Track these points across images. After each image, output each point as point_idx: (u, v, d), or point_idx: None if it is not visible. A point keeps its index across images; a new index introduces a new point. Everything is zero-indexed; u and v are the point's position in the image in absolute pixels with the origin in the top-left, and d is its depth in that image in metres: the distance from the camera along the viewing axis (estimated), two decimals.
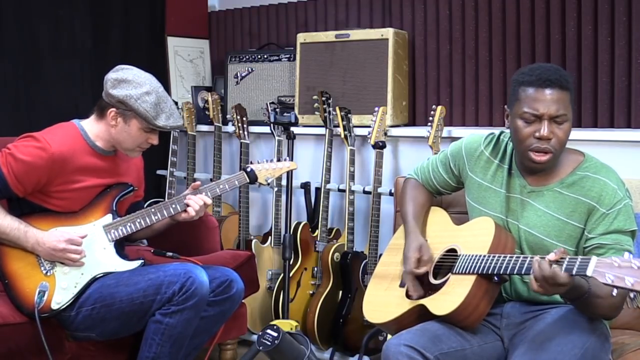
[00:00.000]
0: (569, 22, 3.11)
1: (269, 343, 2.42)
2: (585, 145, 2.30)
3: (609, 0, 3.01)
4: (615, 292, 1.73)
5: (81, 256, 2.59)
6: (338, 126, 3.46)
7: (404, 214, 2.43)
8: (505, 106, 2.19)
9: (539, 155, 2.07)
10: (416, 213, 2.40)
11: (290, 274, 3.47)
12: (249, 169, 2.83)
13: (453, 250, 2.22)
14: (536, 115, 2.05)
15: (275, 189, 3.68)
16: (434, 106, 3.26)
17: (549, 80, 2.04)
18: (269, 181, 2.86)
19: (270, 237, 3.68)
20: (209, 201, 2.75)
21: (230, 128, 3.97)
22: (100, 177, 2.68)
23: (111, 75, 2.61)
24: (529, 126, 2.07)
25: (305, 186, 3.77)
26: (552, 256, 1.83)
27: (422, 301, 2.15)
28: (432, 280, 2.20)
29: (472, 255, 2.10)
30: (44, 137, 2.57)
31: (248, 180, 2.82)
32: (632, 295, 1.72)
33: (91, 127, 2.68)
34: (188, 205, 2.71)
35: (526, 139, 2.07)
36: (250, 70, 4.02)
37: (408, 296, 2.22)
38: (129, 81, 2.59)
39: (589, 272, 1.75)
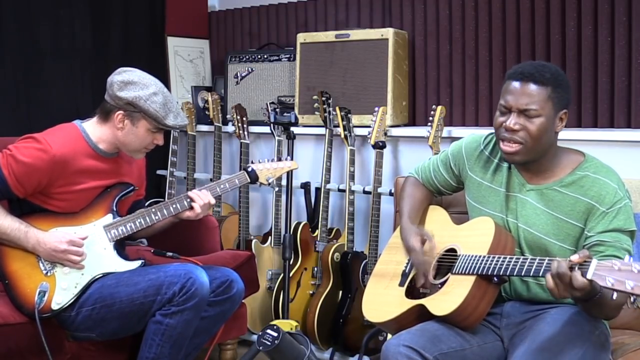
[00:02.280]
0: (569, 22, 3.12)
1: (269, 343, 2.42)
2: (585, 145, 2.31)
3: (609, 0, 3.01)
4: (615, 295, 1.72)
5: (82, 258, 2.59)
6: (338, 126, 3.47)
7: (400, 211, 2.44)
8: None
9: (507, 145, 2.10)
10: (412, 210, 2.41)
11: (290, 274, 3.47)
12: (249, 169, 2.83)
13: (453, 250, 2.22)
14: (506, 106, 2.09)
15: (276, 189, 3.68)
16: (434, 106, 3.26)
17: (523, 74, 2.07)
18: (269, 181, 2.86)
19: (270, 237, 3.68)
20: (213, 201, 2.74)
21: (230, 128, 3.97)
22: (101, 179, 2.68)
23: (116, 78, 2.61)
24: (501, 116, 2.12)
25: (305, 186, 3.77)
26: (575, 257, 1.81)
27: (422, 301, 2.15)
28: (432, 280, 2.21)
29: (472, 256, 2.10)
30: (45, 139, 2.56)
31: (249, 180, 2.82)
32: (632, 299, 1.71)
33: (94, 129, 2.67)
34: (193, 201, 2.70)
35: (497, 128, 2.13)
36: (250, 70, 4.02)
37: (407, 295, 2.23)
38: (135, 83, 2.59)
39: (589, 275, 1.75)
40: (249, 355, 2.69)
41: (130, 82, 2.59)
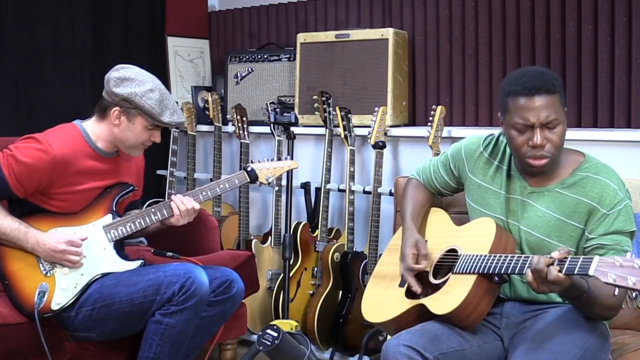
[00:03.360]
0: (569, 22, 3.12)
1: (269, 343, 2.42)
2: (585, 145, 2.31)
3: (609, 0, 3.01)
4: (617, 291, 1.73)
5: (80, 258, 2.59)
6: (338, 126, 3.47)
7: (402, 213, 2.44)
8: (499, 114, 2.18)
9: (536, 160, 2.08)
10: (414, 212, 2.41)
11: (290, 274, 3.47)
12: (249, 168, 2.83)
13: (453, 251, 2.22)
14: (527, 124, 2.05)
15: (276, 188, 3.68)
16: (434, 106, 3.26)
17: (535, 88, 2.03)
18: (269, 180, 2.86)
19: (270, 237, 3.68)
20: (197, 206, 2.72)
21: (230, 128, 3.97)
22: (101, 180, 2.68)
23: (113, 74, 2.61)
24: (521, 135, 2.07)
25: (305, 186, 3.77)
26: (556, 254, 1.83)
27: (422, 301, 2.15)
28: (432, 280, 2.21)
29: (473, 255, 2.10)
30: (46, 139, 2.56)
31: (248, 180, 2.82)
32: (633, 295, 1.71)
33: (92, 128, 2.67)
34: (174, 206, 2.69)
35: (521, 147, 2.09)
36: (250, 70, 4.02)
37: (407, 295, 2.22)
38: (132, 79, 2.59)
39: (591, 272, 1.75)
40: (249, 355, 2.69)
41: (127, 78, 2.59)
